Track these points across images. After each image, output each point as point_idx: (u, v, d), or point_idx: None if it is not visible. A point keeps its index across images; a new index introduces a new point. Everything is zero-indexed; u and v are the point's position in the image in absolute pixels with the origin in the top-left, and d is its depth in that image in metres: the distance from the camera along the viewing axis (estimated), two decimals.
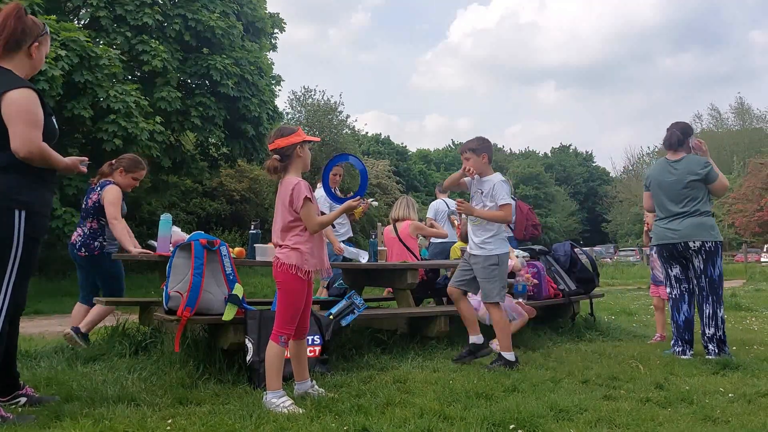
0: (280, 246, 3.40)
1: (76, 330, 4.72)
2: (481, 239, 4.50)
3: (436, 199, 8.53)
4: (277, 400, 3.22)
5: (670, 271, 5.13)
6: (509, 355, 4.37)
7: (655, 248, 5.98)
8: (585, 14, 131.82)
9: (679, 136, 5.05)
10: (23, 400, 3.21)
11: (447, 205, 8.03)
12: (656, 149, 49.54)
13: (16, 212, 2.87)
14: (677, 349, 5.03)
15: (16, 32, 2.97)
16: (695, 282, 4.97)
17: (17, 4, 3.03)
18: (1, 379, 3.10)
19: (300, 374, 3.58)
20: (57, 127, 3.17)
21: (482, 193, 4.53)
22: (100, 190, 4.87)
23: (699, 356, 4.90)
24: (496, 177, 4.57)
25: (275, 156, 3.40)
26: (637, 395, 3.60)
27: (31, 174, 2.94)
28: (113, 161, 5.09)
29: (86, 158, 3.26)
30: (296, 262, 3.31)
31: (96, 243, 4.87)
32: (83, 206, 5.02)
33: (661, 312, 6.21)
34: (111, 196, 4.79)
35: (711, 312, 4.87)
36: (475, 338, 4.58)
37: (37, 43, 3.06)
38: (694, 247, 4.87)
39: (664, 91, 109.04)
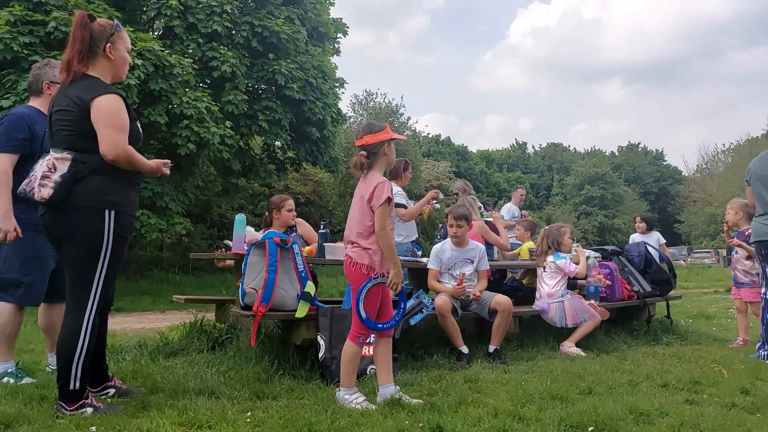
0: (352, 243, 3.38)
1: None
2: None
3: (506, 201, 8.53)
4: (350, 397, 3.26)
5: (767, 270, 4.88)
6: None
7: (736, 248, 5.72)
8: (650, 9, 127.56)
9: None
10: (112, 391, 3.39)
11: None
12: (732, 146, 47.13)
13: (107, 212, 3.01)
14: (763, 353, 4.78)
15: (85, 41, 3.06)
16: None
17: (81, 12, 3.12)
18: (92, 370, 3.25)
19: (384, 377, 3.38)
20: (141, 131, 3.30)
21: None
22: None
23: None
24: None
25: (362, 152, 3.41)
26: (721, 400, 3.45)
27: (118, 176, 3.07)
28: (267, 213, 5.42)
29: (169, 161, 3.38)
30: (368, 262, 3.32)
31: None
32: None
33: (743, 315, 5.91)
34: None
35: None
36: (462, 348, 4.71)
37: (109, 44, 3.12)
38: None
39: (737, 87, 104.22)
